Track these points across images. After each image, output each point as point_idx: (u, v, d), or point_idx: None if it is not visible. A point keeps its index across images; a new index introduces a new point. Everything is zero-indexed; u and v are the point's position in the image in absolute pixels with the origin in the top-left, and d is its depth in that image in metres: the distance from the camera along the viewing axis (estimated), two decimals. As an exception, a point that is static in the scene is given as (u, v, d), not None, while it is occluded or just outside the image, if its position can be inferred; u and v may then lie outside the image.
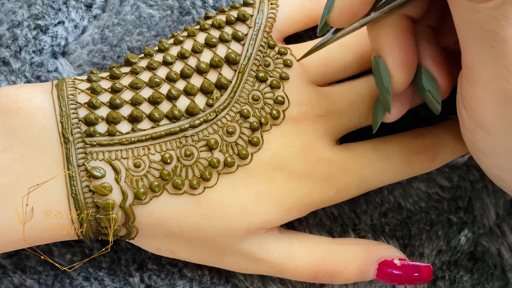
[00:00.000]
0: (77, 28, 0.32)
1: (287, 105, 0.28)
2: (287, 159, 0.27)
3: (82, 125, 0.26)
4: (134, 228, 0.26)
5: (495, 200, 0.31)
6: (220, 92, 0.27)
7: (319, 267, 0.28)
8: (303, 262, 0.28)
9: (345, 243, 0.29)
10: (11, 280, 0.30)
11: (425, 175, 0.31)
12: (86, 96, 0.26)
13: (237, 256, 0.28)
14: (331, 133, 0.28)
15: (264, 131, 0.27)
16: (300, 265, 0.28)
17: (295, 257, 0.28)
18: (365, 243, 0.30)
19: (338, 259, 0.28)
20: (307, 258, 0.28)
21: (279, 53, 0.29)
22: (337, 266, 0.28)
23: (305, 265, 0.28)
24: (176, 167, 0.26)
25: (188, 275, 0.30)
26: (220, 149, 0.27)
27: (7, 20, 0.31)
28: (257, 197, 0.27)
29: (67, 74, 0.31)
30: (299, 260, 0.28)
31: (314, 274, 0.28)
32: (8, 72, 0.31)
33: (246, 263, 0.28)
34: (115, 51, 0.31)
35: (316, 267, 0.28)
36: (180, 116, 0.26)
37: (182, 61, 0.28)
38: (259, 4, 0.30)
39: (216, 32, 0.29)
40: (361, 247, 0.29)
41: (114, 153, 0.26)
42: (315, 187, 0.27)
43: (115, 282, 0.30)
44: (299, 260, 0.28)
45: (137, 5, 0.32)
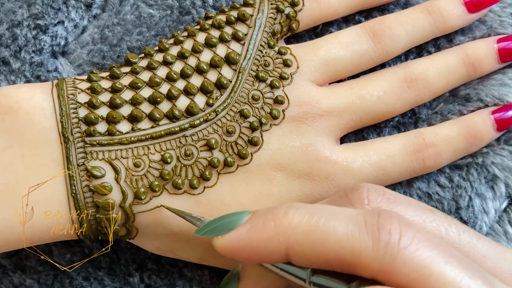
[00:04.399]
0: (77, 28, 0.32)
1: (287, 105, 0.28)
2: (287, 159, 0.27)
3: (82, 124, 0.26)
4: (134, 228, 0.26)
5: (495, 200, 0.31)
6: (220, 91, 0.27)
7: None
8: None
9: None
10: (11, 280, 0.30)
11: (425, 175, 0.31)
12: (86, 96, 0.26)
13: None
14: (331, 133, 0.28)
15: (264, 130, 0.27)
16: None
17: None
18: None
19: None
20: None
21: (279, 53, 0.29)
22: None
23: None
24: (176, 167, 0.26)
25: (188, 275, 0.30)
26: (220, 148, 0.27)
27: (7, 20, 0.31)
28: (257, 197, 0.27)
29: (67, 74, 0.31)
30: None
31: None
32: (8, 72, 0.31)
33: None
34: (115, 51, 0.31)
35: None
36: (180, 115, 0.26)
37: (182, 61, 0.28)
38: (259, 4, 0.30)
39: (216, 32, 0.29)
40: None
41: (114, 153, 0.26)
42: (315, 187, 0.27)
43: (115, 282, 0.30)
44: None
45: (137, 4, 0.32)
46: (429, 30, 0.30)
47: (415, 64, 0.30)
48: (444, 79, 0.30)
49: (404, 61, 0.32)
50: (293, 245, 0.19)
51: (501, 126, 0.30)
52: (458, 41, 0.32)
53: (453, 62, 0.30)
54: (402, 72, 0.30)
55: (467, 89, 0.31)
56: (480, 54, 0.30)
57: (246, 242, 0.20)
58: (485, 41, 0.31)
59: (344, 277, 0.20)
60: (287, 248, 0.20)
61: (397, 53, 0.31)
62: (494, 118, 0.30)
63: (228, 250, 0.21)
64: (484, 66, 0.30)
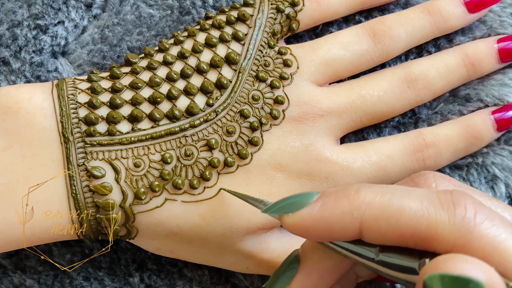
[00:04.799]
0: (77, 28, 0.32)
1: (287, 105, 0.28)
2: (287, 159, 0.27)
3: (82, 124, 0.26)
4: (134, 228, 0.26)
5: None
6: (220, 92, 0.27)
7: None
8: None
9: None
10: (11, 280, 0.30)
11: (425, 175, 0.31)
12: (86, 96, 0.26)
13: (237, 256, 0.28)
14: (331, 133, 0.28)
15: (264, 131, 0.27)
16: None
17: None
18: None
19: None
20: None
21: (279, 53, 0.29)
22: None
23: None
24: (176, 167, 0.26)
25: (188, 275, 0.30)
26: (220, 149, 0.27)
27: (7, 20, 0.31)
28: (256, 196, 0.27)
29: (67, 74, 0.31)
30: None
31: None
32: (8, 72, 0.31)
33: (246, 263, 0.28)
34: (115, 51, 0.31)
35: None
36: (180, 116, 0.26)
37: (182, 61, 0.28)
38: (259, 4, 0.30)
39: (216, 32, 0.29)
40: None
41: (114, 153, 0.26)
42: (315, 187, 0.27)
43: (115, 282, 0.30)
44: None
45: (137, 4, 0.32)
46: (429, 30, 0.30)
47: (415, 64, 0.30)
48: (444, 79, 0.30)
49: (404, 61, 0.32)
50: (367, 220, 0.19)
51: (501, 126, 0.30)
52: (458, 41, 0.32)
53: (453, 62, 0.30)
54: (402, 72, 0.30)
55: (467, 89, 0.31)
56: (480, 54, 0.30)
57: (319, 218, 0.20)
58: (485, 41, 0.31)
59: (414, 253, 0.20)
60: (361, 223, 0.20)
61: (397, 53, 0.31)
62: (494, 118, 0.30)
63: (299, 227, 0.21)
64: (484, 66, 0.30)
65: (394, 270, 0.20)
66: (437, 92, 0.30)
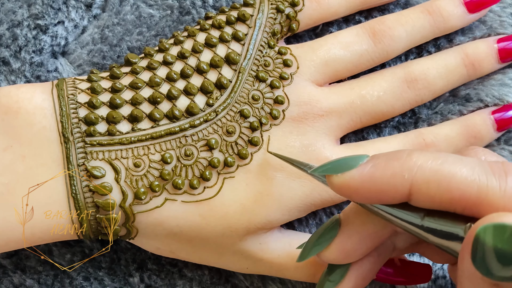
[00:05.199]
0: (77, 28, 0.32)
1: (287, 105, 0.28)
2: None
3: (82, 124, 0.26)
4: (134, 228, 0.26)
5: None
6: (220, 92, 0.27)
7: (319, 266, 0.28)
8: (303, 262, 0.28)
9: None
10: (11, 280, 0.30)
11: (425, 175, 0.31)
12: (86, 96, 0.26)
13: (237, 256, 0.28)
14: (331, 133, 0.28)
15: (264, 131, 0.27)
16: (300, 265, 0.28)
17: (295, 257, 0.28)
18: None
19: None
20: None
21: (279, 53, 0.29)
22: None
23: (305, 265, 0.28)
24: (176, 167, 0.26)
25: (188, 275, 0.30)
26: (220, 149, 0.27)
27: (7, 20, 0.31)
28: (257, 197, 0.27)
29: (67, 74, 0.31)
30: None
31: (314, 274, 0.28)
32: (8, 72, 0.31)
33: (246, 263, 0.28)
34: (115, 51, 0.31)
35: (317, 266, 0.28)
36: (180, 116, 0.26)
37: (182, 61, 0.28)
38: (259, 4, 0.30)
39: (216, 32, 0.29)
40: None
41: (114, 153, 0.26)
42: (315, 187, 0.27)
43: (115, 282, 0.30)
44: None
45: (137, 4, 0.32)
46: (429, 30, 0.30)
47: (415, 64, 0.30)
48: (444, 79, 0.30)
49: (404, 61, 0.32)
50: (418, 182, 0.19)
51: (501, 126, 0.30)
52: (458, 41, 0.32)
53: (453, 62, 0.30)
54: (402, 72, 0.30)
55: (467, 89, 0.31)
56: (480, 54, 0.30)
57: (369, 178, 0.20)
58: (485, 41, 0.31)
59: (459, 219, 0.20)
60: (412, 185, 0.20)
61: (397, 53, 0.31)
62: (494, 118, 0.30)
63: (348, 188, 0.21)
64: (484, 66, 0.30)
65: (438, 237, 0.20)
66: (437, 92, 0.30)
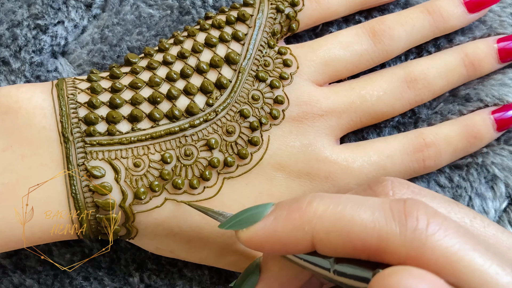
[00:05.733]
0: (77, 28, 0.32)
1: (286, 105, 0.28)
2: (287, 159, 0.27)
3: (82, 124, 0.26)
4: (134, 228, 0.26)
5: (495, 200, 0.31)
6: (220, 91, 0.27)
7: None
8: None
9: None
10: (11, 279, 0.30)
11: (425, 175, 0.31)
12: (86, 96, 0.26)
13: (237, 256, 0.28)
14: (331, 133, 0.28)
15: (264, 130, 0.27)
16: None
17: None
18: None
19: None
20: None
21: (279, 52, 0.29)
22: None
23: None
24: (176, 167, 0.26)
25: (187, 275, 0.30)
26: (219, 148, 0.27)
27: (7, 20, 0.31)
28: (257, 197, 0.27)
29: (66, 74, 0.31)
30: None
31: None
32: (8, 71, 0.31)
33: (246, 263, 0.28)
34: (115, 50, 0.31)
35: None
36: (180, 115, 0.26)
37: (182, 61, 0.28)
38: (259, 4, 0.30)
39: (216, 32, 0.29)
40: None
41: (114, 153, 0.26)
42: (315, 187, 0.27)
43: (114, 282, 0.30)
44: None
45: (137, 4, 0.32)
46: (429, 30, 0.30)
47: (415, 64, 0.30)
48: (444, 79, 0.30)
49: (404, 61, 0.32)
50: (319, 233, 0.19)
51: (501, 126, 0.30)
52: (458, 41, 0.32)
53: (453, 62, 0.30)
54: (402, 72, 0.30)
55: (467, 89, 0.31)
56: (480, 54, 0.30)
57: (271, 233, 0.20)
58: (485, 41, 0.31)
59: (368, 264, 0.19)
60: (313, 237, 0.19)
61: (397, 53, 0.31)
62: (494, 118, 0.30)
63: (253, 242, 0.21)
64: (484, 66, 0.30)
65: (350, 279, 0.20)
66: (437, 92, 0.30)
